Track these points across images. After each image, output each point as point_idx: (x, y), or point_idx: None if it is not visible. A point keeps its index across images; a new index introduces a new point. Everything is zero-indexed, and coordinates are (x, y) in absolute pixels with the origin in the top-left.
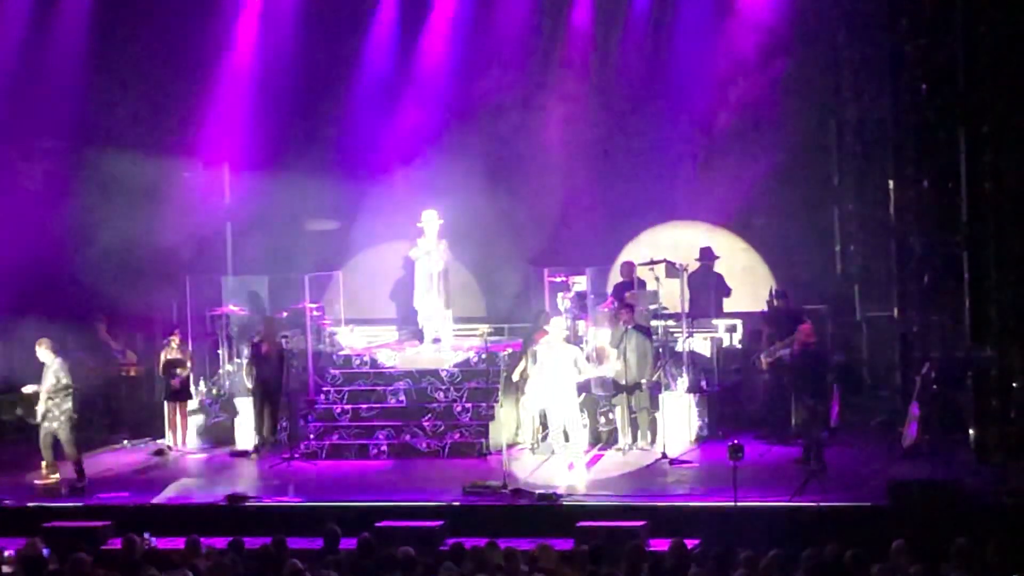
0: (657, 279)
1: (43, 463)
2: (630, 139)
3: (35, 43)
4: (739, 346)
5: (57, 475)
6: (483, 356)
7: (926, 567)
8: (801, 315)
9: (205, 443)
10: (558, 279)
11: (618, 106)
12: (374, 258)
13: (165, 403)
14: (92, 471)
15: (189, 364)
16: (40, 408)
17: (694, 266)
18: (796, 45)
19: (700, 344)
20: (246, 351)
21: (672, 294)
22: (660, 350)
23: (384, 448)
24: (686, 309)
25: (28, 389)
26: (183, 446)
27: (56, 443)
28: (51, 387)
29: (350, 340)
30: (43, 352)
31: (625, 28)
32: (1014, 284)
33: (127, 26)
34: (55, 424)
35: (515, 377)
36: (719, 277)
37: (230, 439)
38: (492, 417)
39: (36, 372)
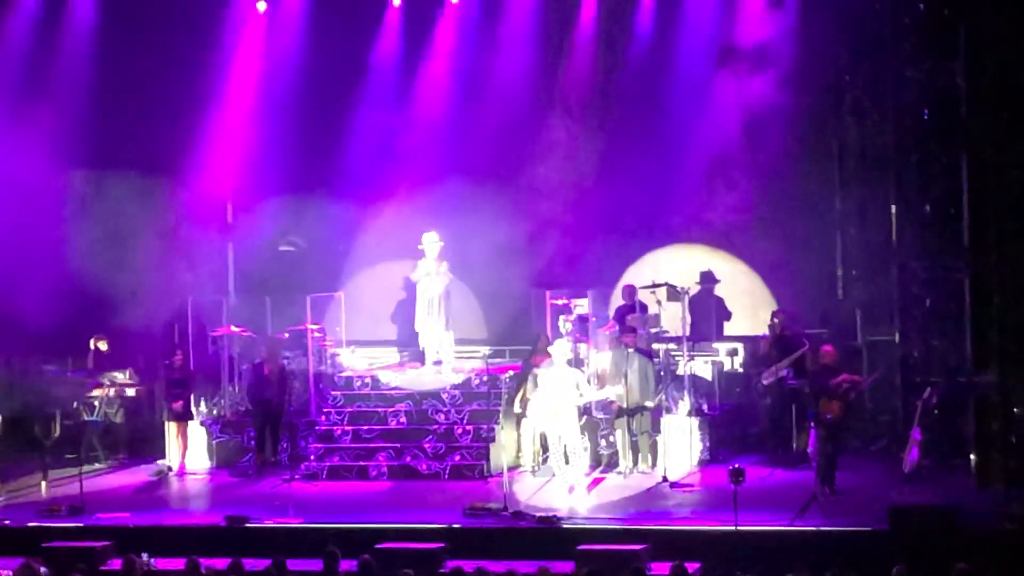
0: (659, 302)
1: None
2: (631, 162)
3: (39, 66)
4: (740, 369)
5: None
6: (484, 378)
7: None
8: (801, 336)
9: (206, 463)
10: (560, 301)
11: (620, 129)
12: (376, 279)
13: (166, 423)
14: (92, 491)
15: (189, 384)
16: None
17: (695, 289)
18: (799, 69)
19: (701, 367)
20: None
21: (673, 317)
22: (661, 373)
23: (384, 470)
24: (687, 332)
25: None
26: (184, 466)
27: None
28: None
29: (351, 361)
30: None
31: (627, 52)
32: (1016, 309)
33: (131, 51)
34: None
35: (516, 409)
36: (720, 300)
37: (232, 459)
38: (493, 439)
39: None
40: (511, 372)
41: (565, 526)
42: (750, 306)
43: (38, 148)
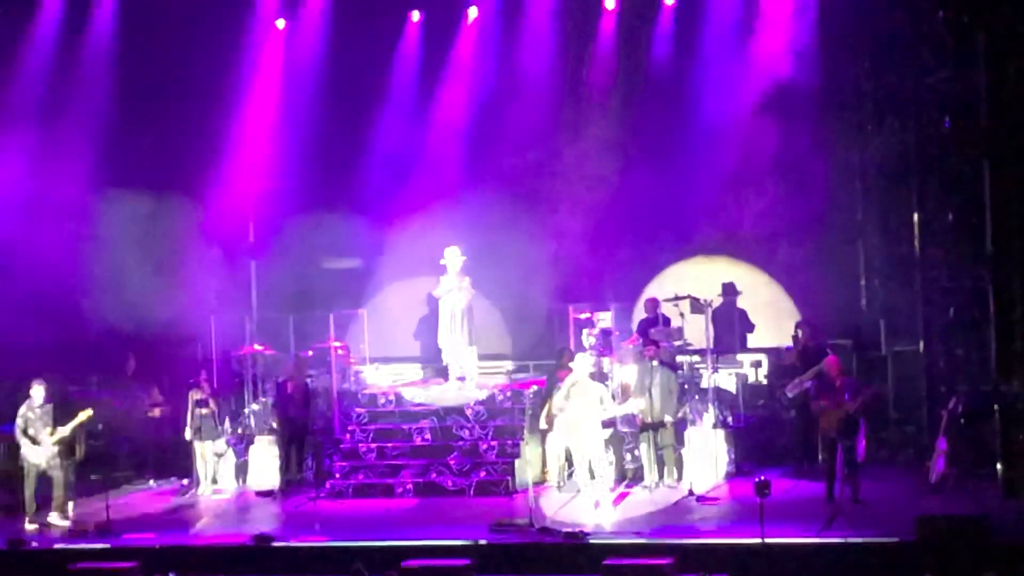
0: (682, 315)
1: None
2: (652, 176)
3: (60, 86)
4: (764, 381)
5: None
6: (508, 393)
7: None
8: (826, 348)
9: (232, 483)
10: (583, 315)
11: (641, 142)
12: (398, 295)
13: (192, 443)
14: (119, 512)
15: (213, 404)
16: (52, 451)
17: (718, 301)
18: (819, 79)
19: (725, 380)
20: (272, 391)
21: (697, 330)
22: (685, 386)
23: (410, 487)
24: (711, 345)
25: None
26: (210, 486)
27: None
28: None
29: (375, 378)
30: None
31: (648, 64)
32: None
33: (151, 70)
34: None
35: (542, 425)
36: (743, 312)
37: (256, 478)
38: (518, 455)
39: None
40: (535, 387)
41: (591, 541)
42: (773, 318)
43: (59, 168)
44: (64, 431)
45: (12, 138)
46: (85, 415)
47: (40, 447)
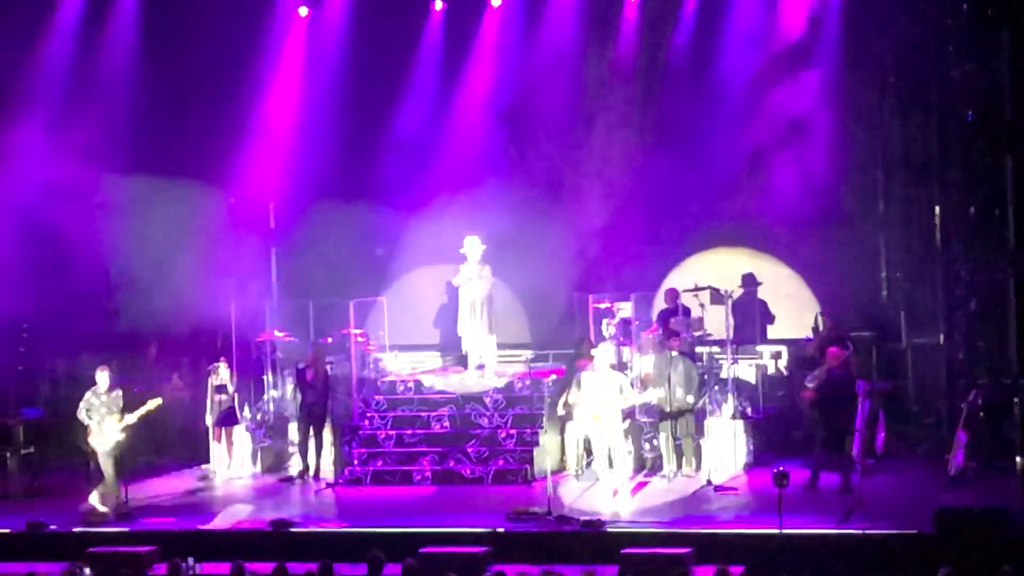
0: (702, 305)
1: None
2: (673, 166)
3: (82, 72)
4: (784, 372)
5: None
6: (527, 382)
7: None
8: (845, 339)
9: (250, 468)
10: (603, 305)
11: (663, 132)
12: (418, 283)
13: (211, 428)
14: (138, 496)
15: (233, 390)
16: (119, 437)
17: (738, 292)
18: (842, 71)
19: (745, 370)
20: (291, 377)
21: (717, 320)
22: (705, 376)
23: (428, 474)
24: (731, 335)
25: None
26: (229, 471)
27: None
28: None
29: (394, 366)
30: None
31: (669, 56)
32: None
33: (173, 57)
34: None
35: (560, 411)
36: (763, 303)
37: (276, 464)
38: (536, 443)
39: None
40: (554, 376)
41: (609, 530)
42: (794, 309)
43: (80, 154)
44: (131, 419)
45: (34, 124)
46: (154, 404)
47: (102, 434)
